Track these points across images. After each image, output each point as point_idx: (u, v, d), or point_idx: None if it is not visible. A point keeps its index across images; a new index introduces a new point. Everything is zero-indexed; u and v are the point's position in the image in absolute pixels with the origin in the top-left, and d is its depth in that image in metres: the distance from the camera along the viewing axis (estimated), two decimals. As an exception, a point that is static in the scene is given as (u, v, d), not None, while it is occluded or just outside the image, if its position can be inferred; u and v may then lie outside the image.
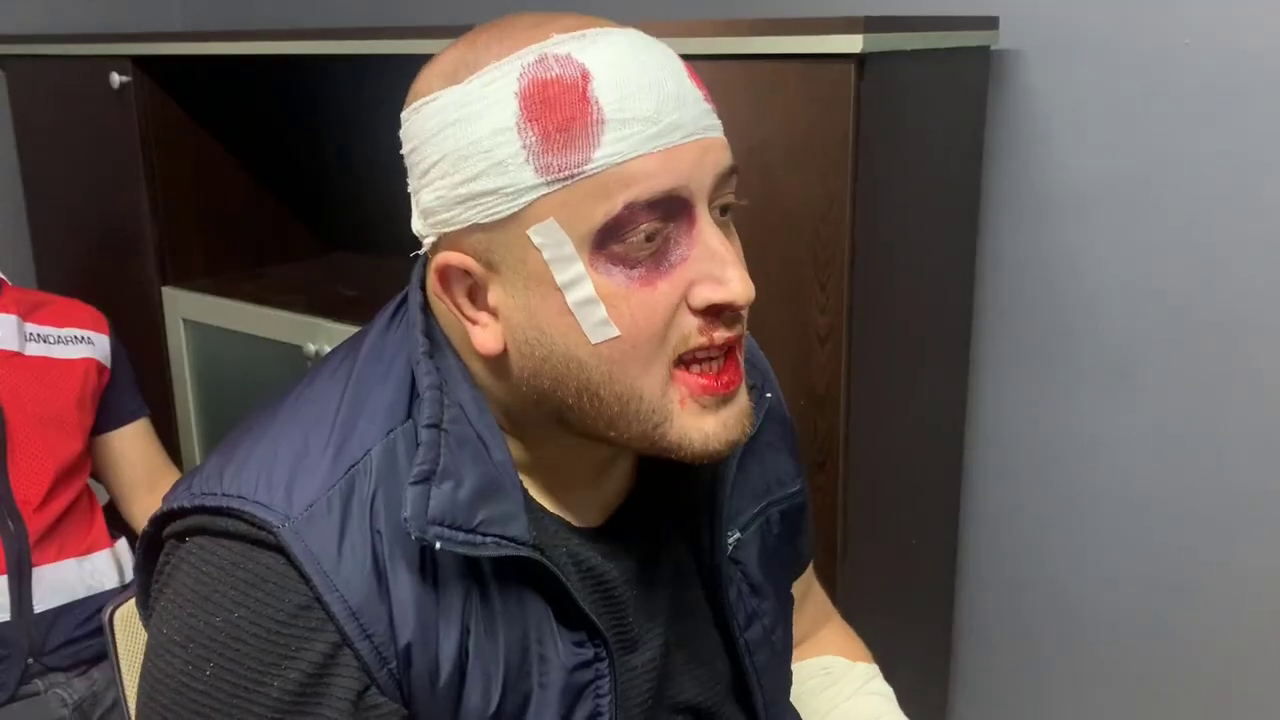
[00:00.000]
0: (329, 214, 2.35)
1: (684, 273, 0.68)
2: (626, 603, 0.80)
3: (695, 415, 0.71)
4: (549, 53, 0.66)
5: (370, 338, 0.77)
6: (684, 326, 0.69)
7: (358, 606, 0.68)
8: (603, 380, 0.69)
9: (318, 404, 0.74)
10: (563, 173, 0.65)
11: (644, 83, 0.66)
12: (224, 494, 0.69)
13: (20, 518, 1.49)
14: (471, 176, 0.67)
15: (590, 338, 0.68)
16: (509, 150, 0.66)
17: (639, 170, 0.65)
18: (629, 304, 0.67)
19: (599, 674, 0.76)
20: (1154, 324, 1.55)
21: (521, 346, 0.70)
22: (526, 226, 0.67)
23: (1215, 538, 1.57)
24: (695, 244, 0.68)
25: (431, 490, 0.68)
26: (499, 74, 0.66)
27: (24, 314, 1.59)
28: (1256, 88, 1.42)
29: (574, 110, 0.65)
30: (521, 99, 0.65)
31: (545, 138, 0.65)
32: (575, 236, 0.66)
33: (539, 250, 0.67)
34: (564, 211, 0.66)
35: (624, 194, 0.65)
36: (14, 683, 1.47)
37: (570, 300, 0.67)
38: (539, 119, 0.65)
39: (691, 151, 0.67)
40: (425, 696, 0.70)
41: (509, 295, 0.69)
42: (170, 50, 1.90)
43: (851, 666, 1.03)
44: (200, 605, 0.68)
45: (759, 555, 0.88)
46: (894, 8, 1.62)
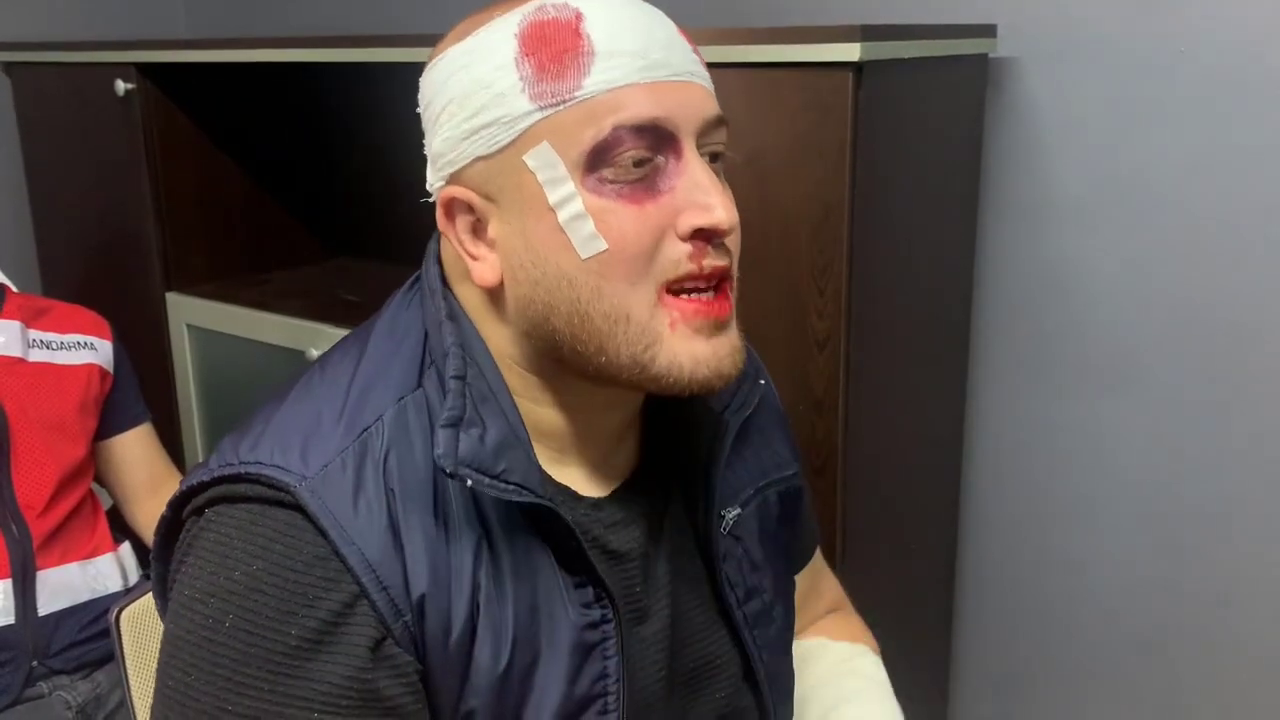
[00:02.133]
0: (332, 220, 2.36)
1: (671, 200, 0.72)
2: (633, 573, 0.82)
3: (685, 339, 0.73)
4: (547, 1, 0.72)
5: (383, 317, 0.81)
6: (673, 252, 0.72)
7: (374, 560, 0.70)
8: (591, 296, 0.72)
9: (330, 382, 0.77)
10: (555, 99, 0.70)
11: (634, 25, 0.72)
12: (241, 462, 0.72)
13: (24, 522, 1.50)
14: (474, 111, 0.72)
15: (580, 251, 0.71)
16: (507, 82, 0.71)
17: (626, 97, 0.70)
18: (616, 218, 0.71)
19: (606, 635, 0.78)
20: (1152, 328, 1.56)
21: (517, 272, 0.74)
22: (522, 152, 0.71)
23: (1216, 541, 1.57)
24: (682, 174, 0.72)
25: (460, 435, 0.71)
26: (501, 22, 0.73)
27: (27, 320, 1.60)
28: (1253, 93, 1.42)
29: (566, 43, 0.70)
30: (520, 38, 0.71)
31: (540, 68, 0.70)
32: (567, 159, 0.71)
33: (533, 174, 0.71)
34: (556, 136, 0.70)
35: (611, 117, 0.70)
36: (19, 685, 1.47)
37: (561, 217, 0.71)
38: (534, 53, 0.71)
39: (678, 90, 0.72)
40: (439, 652, 0.72)
41: (506, 223, 0.74)
42: (174, 58, 1.91)
43: (829, 645, 1.04)
44: (220, 563, 0.70)
45: (758, 532, 0.90)
46: (893, 16, 1.63)
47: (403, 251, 2.28)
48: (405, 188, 2.25)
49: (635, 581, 0.82)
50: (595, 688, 0.77)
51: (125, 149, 2.04)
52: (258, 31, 2.43)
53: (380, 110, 2.23)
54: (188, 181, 2.08)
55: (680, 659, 0.85)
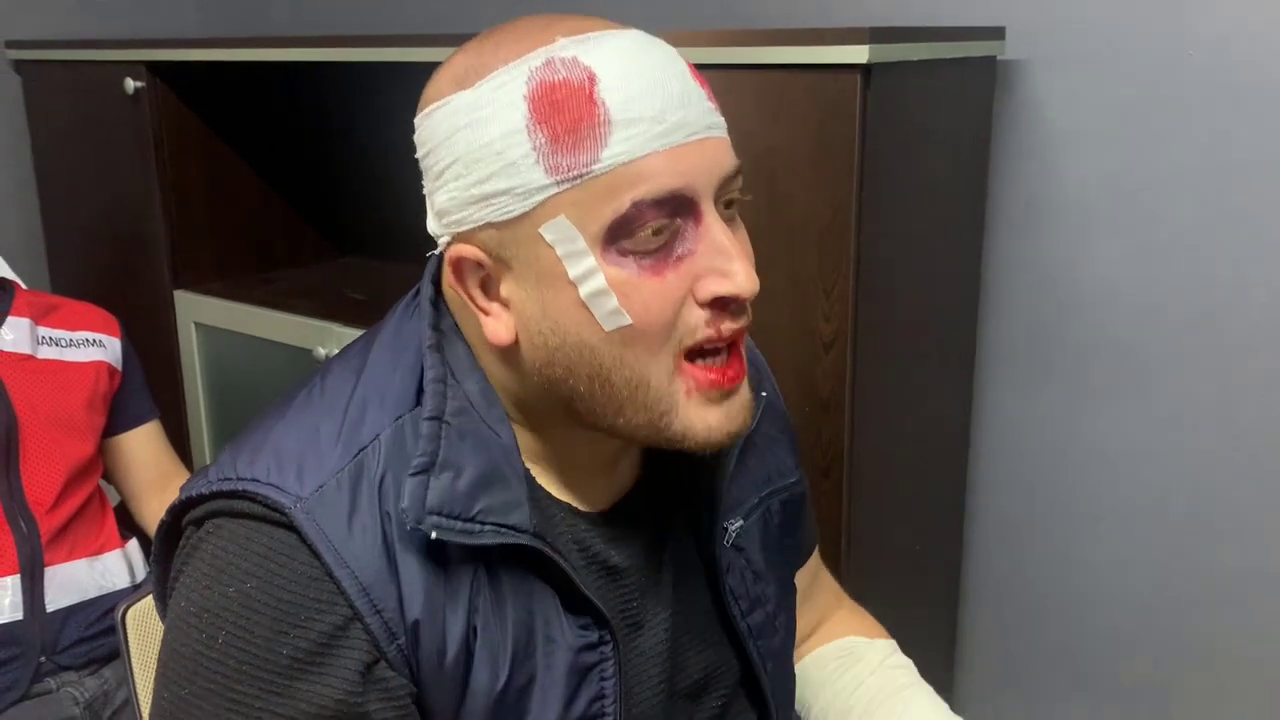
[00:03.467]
0: (340, 219, 2.37)
1: (691, 266, 0.70)
2: (632, 588, 0.81)
3: (700, 407, 0.73)
4: (555, 56, 0.68)
5: (384, 332, 0.80)
6: (691, 319, 0.71)
7: (368, 583, 0.69)
8: (614, 365, 0.71)
9: (329, 396, 0.76)
10: (572, 172, 0.67)
11: (649, 83, 0.68)
12: (239, 478, 0.72)
13: (33, 519, 1.51)
14: (484, 178, 0.69)
15: (604, 326, 0.70)
16: (519, 152, 0.68)
17: (646, 169, 0.68)
18: (640, 293, 0.69)
19: (603, 656, 0.77)
20: (1159, 331, 1.56)
21: (534, 337, 0.72)
22: (538, 224, 0.69)
23: (1221, 543, 1.57)
24: (701, 239, 0.70)
25: (430, 481, 0.70)
26: (507, 78, 0.69)
27: (36, 317, 1.60)
28: (1261, 96, 1.42)
29: (581, 112, 0.67)
30: (530, 101, 0.68)
31: (554, 139, 0.67)
32: (586, 233, 0.68)
33: (551, 247, 0.69)
34: (574, 210, 0.68)
35: (631, 193, 0.67)
36: (26, 681, 1.48)
37: (583, 292, 0.69)
38: (548, 121, 0.67)
39: (696, 151, 0.69)
40: (433, 674, 0.72)
41: (521, 289, 0.72)
42: (184, 57, 1.92)
43: (871, 643, 1.05)
44: (215, 579, 0.70)
45: (761, 543, 0.90)
46: (901, 19, 1.63)
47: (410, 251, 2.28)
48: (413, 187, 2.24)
49: (636, 596, 0.81)
50: (592, 709, 0.77)
51: (134, 147, 2.04)
52: (267, 31, 2.43)
53: (389, 109, 2.23)
54: (196, 180, 2.09)
55: (681, 671, 0.85)
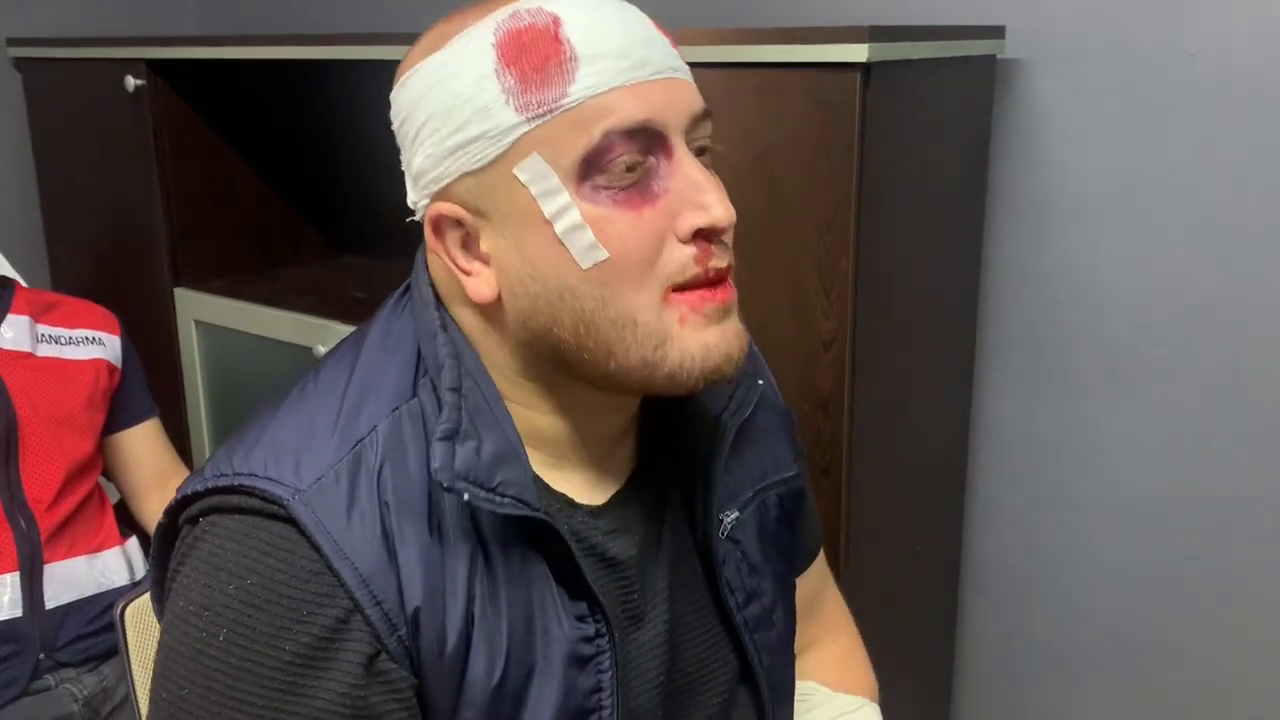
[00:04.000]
0: (340, 217, 2.37)
1: (667, 203, 0.71)
2: (629, 580, 0.81)
3: (697, 330, 0.73)
4: (520, 7, 0.71)
5: (375, 327, 0.80)
6: (677, 255, 0.72)
7: (368, 574, 0.69)
8: (596, 306, 0.71)
9: (323, 390, 0.76)
10: (541, 108, 0.69)
11: (612, 23, 0.70)
12: (235, 473, 0.71)
13: (32, 516, 1.51)
14: (457, 126, 0.71)
15: (580, 262, 0.70)
16: (490, 95, 0.69)
17: (613, 102, 0.69)
18: (616, 226, 0.70)
19: (600, 649, 0.77)
20: (1159, 330, 1.56)
21: (515, 287, 0.73)
22: (512, 165, 0.70)
23: (1222, 542, 1.57)
24: (675, 174, 0.71)
25: (456, 448, 0.71)
26: (475, 33, 0.71)
27: (36, 315, 1.61)
28: (1261, 95, 1.42)
29: (547, 50, 0.69)
30: (498, 48, 0.69)
31: (523, 78, 0.69)
32: (559, 169, 0.69)
33: (526, 186, 0.70)
34: (546, 146, 0.69)
35: (601, 124, 0.69)
36: (26, 678, 1.48)
37: (559, 229, 0.70)
38: (515, 62, 0.69)
39: (663, 88, 0.71)
40: (433, 665, 0.72)
41: (500, 237, 0.72)
42: (184, 55, 1.92)
43: (832, 696, 1.03)
44: (214, 576, 0.70)
45: (758, 536, 0.90)
46: (901, 17, 1.63)
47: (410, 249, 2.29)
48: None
49: (633, 588, 0.81)
50: (589, 701, 0.77)
51: (135, 145, 2.04)
52: (267, 28, 2.43)
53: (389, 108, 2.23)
54: (197, 178, 2.09)
55: (678, 664, 0.85)
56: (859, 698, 1.04)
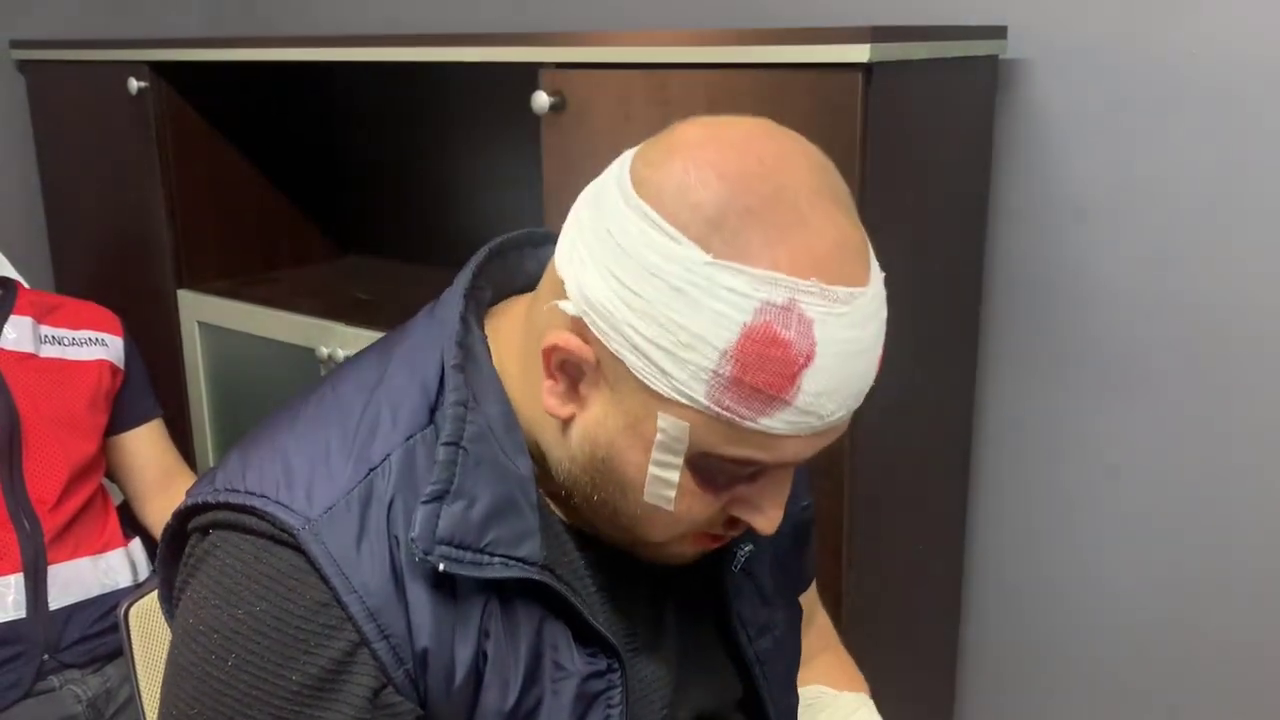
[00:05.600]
0: (342, 218, 2.37)
1: (744, 490, 0.73)
2: (639, 615, 0.81)
3: (680, 545, 0.77)
4: (797, 303, 0.64)
5: (404, 344, 0.78)
6: (716, 519, 0.75)
7: (376, 608, 0.69)
8: (636, 515, 0.73)
9: (341, 408, 0.75)
10: (725, 414, 0.66)
11: (847, 389, 0.68)
12: (247, 492, 0.71)
13: (36, 517, 1.51)
14: (652, 340, 0.65)
15: (645, 498, 0.72)
16: (703, 363, 0.65)
17: (785, 444, 0.68)
18: (693, 500, 0.72)
19: (611, 684, 0.77)
20: (1162, 331, 1.56)
21: (585, 443, 0.72)
22: (663, 407, 0.67)
23: (1225, 544, 1.57)
24: (765, 482, 0.73)
25: (442, 509, 0.70)
26: (746, 286, 0.64)
27: (39, 316, 1.61)
28: (1262, 96, 1.42)
29: (777, 384, 0.65)
30: (745, 336, 0.64)
31: (737, 383, 0.65)
32: (694, 445, 0.68)
33: (659, 429, 0.68)
34: (702, 430, 0.67)
35: (756, 454, 0.68)
36: (30, 679, 1.48)
37: (652, 468, 0.70)
38: (745, 365, 0.64)
39: (835, 433, 0.70)
40: (440, 698, 0.72)
41: (604, 411, 0.70)
42: (187, 56, 1.92)
43: (837, 696, 1.04)
44: (224, 598, 0.70)
45: (771, 566, 0.90)
46: (903, 18, 1.63)
47: (414, 250, 2.30)
48: (416, 186, 2.26)
49: (643, 624, 0.82)
50: None
51: (138, 147, 2.05)
52: (270, 30, 2.44)
53: (392, 109, 2.24)
54: (200, 179, 2.10)
55: (685, 698, 0.85)
56: (859, 694, 1.06)
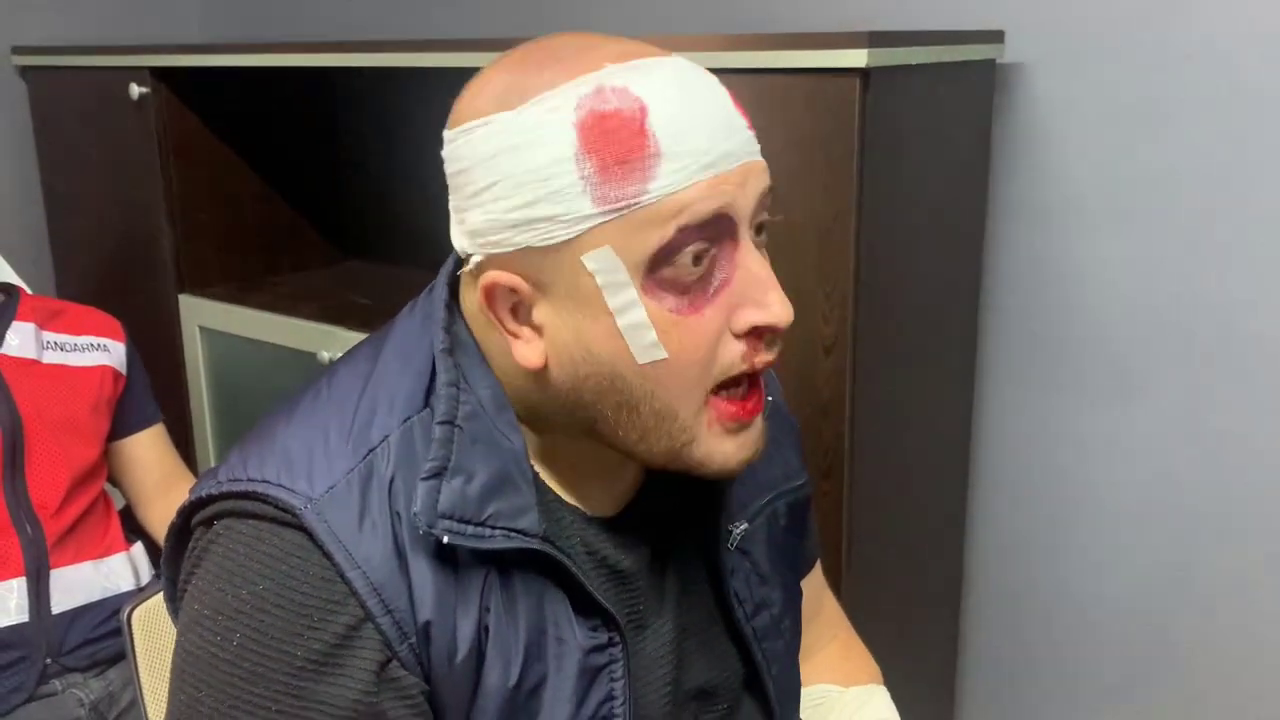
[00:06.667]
0: (344, 223, 2.38)
1: (727, 297, 0.71)
2: (639, 591, 0.82)
3: (719, 437, 0.74)
4: (605, 84, 0.68)
5: (392, 335, 0.80)
6: (728, 353, 0.72)
7: (379, 583, 0.70)
8: (644, 396, 0.72)
9: (337, 398, 0.76)
10: (619, 203, 0.67)
11: (697, 115, 0.68)
12: (249, 479, 0.72)
13: (38, 522, 1.52)
14: (527, 202, 0.68)
15: (638, 358, 0.70)
16: (567, 180, 0.67)
17: (690, 196, 0.68)
18: (678, 329, 0.70)
19: (613, 658, 0.78)
20: (1160, 333, 1.56)
21: (565, 363, 0.72)
22: (581, 252, 0.68)
23: (1223, 546, 1.58)
24: (737, 267, 0.71)
25: (442, 485, 0.71)
26: (556, 102, 0.68)
27: (42, 322, 1.61)
28: (1261, 97, 1.43)
29: (632, 144, 0.67)
30: (580, 129, 0.67)
31: (603, 169, 0.67)
32: (629, 263, 0.68)
33: (592, 275, 0.69)
34: (619, 239, 0.68)
35: (676, 220, 0.67)
36: (33, 682, 1.49)
37: (621, 324, 0.69)
38: (597, 150, 0.67)
39: (736, 175, 0.70)
40: (444, 672, 0.72)
41: (556, 314, 0.71)
42: (188, 62, 1.93)
43: (843, 692, 1.04)
44: (228, 580, 0.70)
45: (767, 546, 0.90)
46: (901, 22, 1.63)
47: (414, 254, 2.30)
48: (416, 191, 2.27)
49: (643, 599, 0.82)
50: (601, 710, 0.78)
51: (139, 152, 2.06)
52: (270, 36, 2.45)
53: (392, 114, 2.24)
54: (201, 184, 2.10)
55: (686, 674, 0.85)
56: (867, 686, 1.05)
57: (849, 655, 1.09)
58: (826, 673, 1.07)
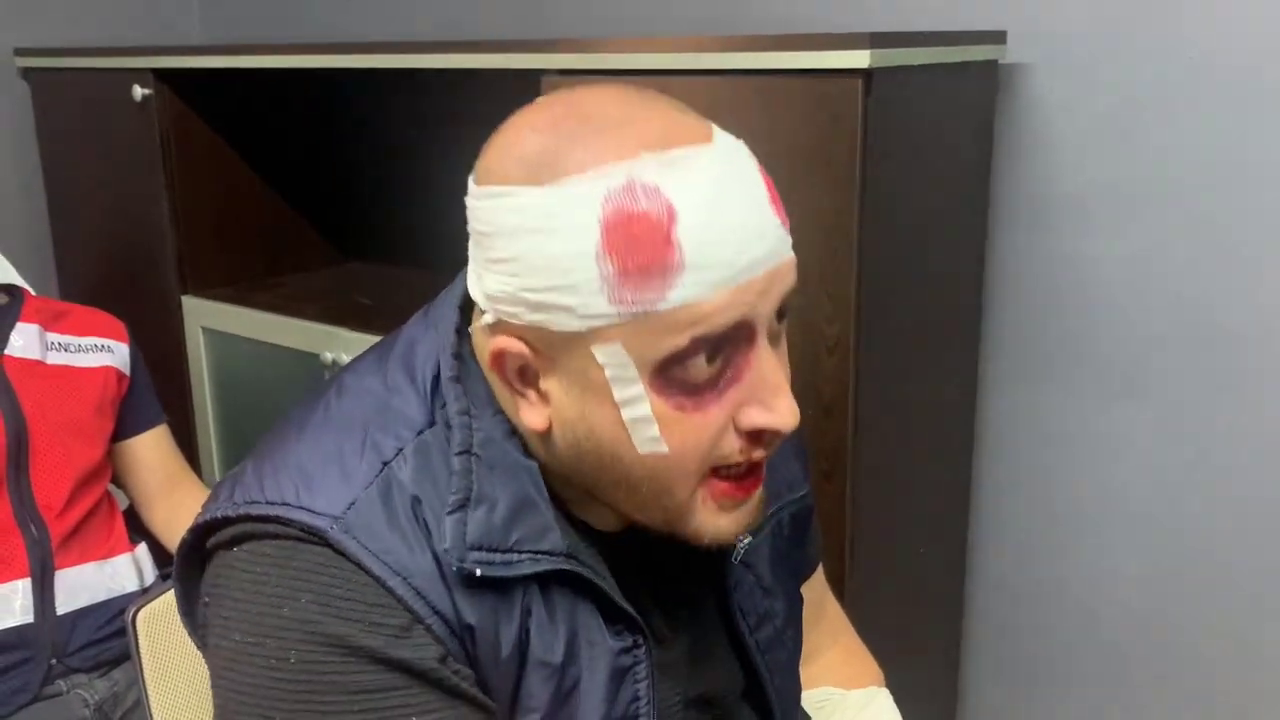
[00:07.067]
0: (346, 224, 2.38)
1: (735, 395, 0.70)
2: (648, 606, 0.82)
3: (714, 513, 0.75)
4: (637, 180, 0.65)
5: (398, 346, 0.79)
6: (726, 445, 0.71)
7: (422, 587, 0.70)
8: (642, 478, 0.72)
9: (348, 411, 0.76)
10: (635, 307, 0.66)
11: (727, 223, 0.66)
12: (267, 502, 0.71)
13: (43, 523, 1.52)
14: (543, 287, 0.67)
15: (639, 449, 0.70)
16: (585, 276, 0.66)
17: (710, 308, 0.66)
18: (681, 426, 0.69)
19: (637, 659, 0.79)
20: (1162, 332, 1.56)
21: (567, 434, 0.73)
22: (592, 344, 0.68)
23: (1226, 542, 1.58)
24: (750, 367, 0.70)
25: (468, 517, 0.71)
26: (584, 190, 0.65)
27: (45, 323, 1.62)
28: (1262, 97, 1.43)
29: (656, 252, 0.65)
30: (604, 228, 0.65)
31: (623, 272, 0.65)
32: (639, 361, 0.68)
33: (601, 367, 0.68)
34: (631, 339, 0.67)
35: (692, 330, 0.66)
36: (37, 683, 1.49)
37: (625, 416, 0.69)
38: (619, 252, 0.65)
39: (761, 282, 0.68)
40: (490, 671, 0.73)
41: (564, 392, 0.71)
42: (190, 64, 1.93)
43: (845, 696, 1.05)
44: (265, 603, 0.70)
45: (770, 557, 0.91)
46: (903, 23, 1.64)
47: (417, 256, 2.31)
48: (419, 192, 2.27)
49: (652, 614, 0.83)
50: (630, 709, 0.78)
51: (142, 154, 2.06)
52: (273, 37, 2.45)
53: (394, 115, 2.25)
54: (204, 186, 2.11)
55: (694, 685, 0.86)
56: (868, 689, 1.06)
57: (851, 658, 1.10)
58: (829, 676, 1.07)
